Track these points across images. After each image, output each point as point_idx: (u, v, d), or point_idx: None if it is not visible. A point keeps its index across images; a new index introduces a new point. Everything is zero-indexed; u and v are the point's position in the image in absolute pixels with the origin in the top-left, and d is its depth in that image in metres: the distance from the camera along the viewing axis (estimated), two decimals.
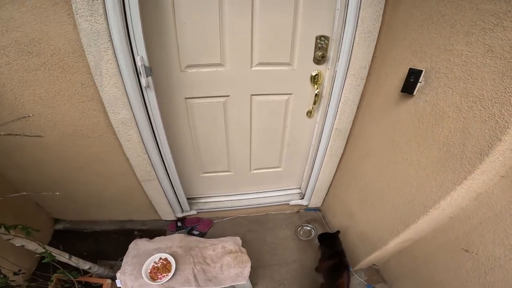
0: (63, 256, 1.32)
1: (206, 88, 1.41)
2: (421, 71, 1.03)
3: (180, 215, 1.89)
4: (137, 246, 1.45)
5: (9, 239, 1.10)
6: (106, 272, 1.55)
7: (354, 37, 1.23)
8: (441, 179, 0.99)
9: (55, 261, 1.19)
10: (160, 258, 1.37)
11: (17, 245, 1.13)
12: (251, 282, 1.58)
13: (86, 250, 1.75)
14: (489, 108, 0.80)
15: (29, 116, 1.19)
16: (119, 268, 1.39)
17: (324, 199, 2.10)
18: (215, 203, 1.98)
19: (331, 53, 1.36)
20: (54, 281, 1.36)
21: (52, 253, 1.17)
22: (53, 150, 1.40)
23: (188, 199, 1.90)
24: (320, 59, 1.39)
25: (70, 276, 1.23)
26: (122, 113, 1.25)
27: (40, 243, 1.19)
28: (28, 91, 1.15)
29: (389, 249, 1.45)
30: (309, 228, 2.05)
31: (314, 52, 1.37)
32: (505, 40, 0.74)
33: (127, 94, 1.19)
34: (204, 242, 1.52)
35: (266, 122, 1.62)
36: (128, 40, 1.06)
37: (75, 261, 1.39)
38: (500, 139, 0.77)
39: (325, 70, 1.43)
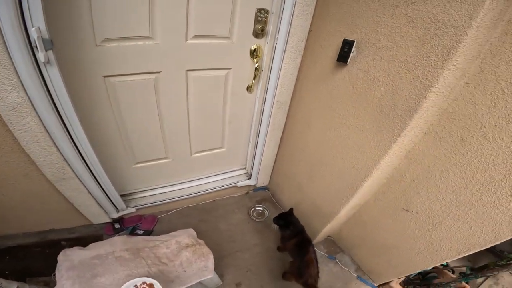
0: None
1: (131, 64, 1.19)
2: (353, 41, 1.11)
3: (115, 215, 1.61)
4: (69, 257, 1.17)
5: None
6: None
7: (293, 10, 1.22)
8: (378, 139, 1.09)
9: None
10: (144, 283, 1.12)
11: None
12: (217, 274, 1.49)
13: (8, 269, 1.38)
14: (414, 71, 0.91)
15: None
16: (55, 284, 1.10)
17: (271, 176, 2.13)
18: (156, 196, 1.77)
19: (270, 27, 1.32)
20: None
21: None
22: None
23: (122, 196, 1.64)
24: (259, 33, 1.33)
25: None
26: (11, 96, 0.94)
27: None
28: None
29: (341, 218, 1.57)
30: (261, 209, 2.05)
31: (254, 25, 1.31)
32: (424, 12, 0.85)
33: (16, 72, 0.91)
34: (153, 240, 1.35)
35: (205, 100, 1.49)
36: (19, 7, 0.82)
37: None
38: (425, 97, 0.88)
39: (264, 44, 1.39)
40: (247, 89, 1.54)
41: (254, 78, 1.46)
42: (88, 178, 1.33)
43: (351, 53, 1.12)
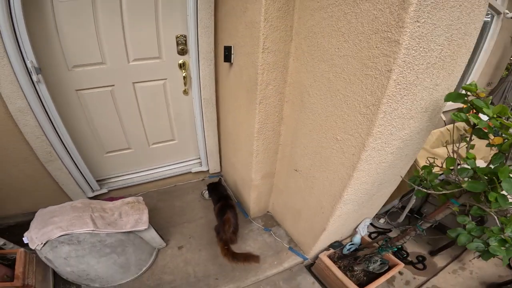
0: None
1: (93, 81, 1.82)
2: (231, 46, 1.67)
3: (91, 194, 2.13)
4: (43, 210, 1.54)
5: None
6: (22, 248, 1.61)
7: (197, 32, 1.85)
8: (251, 110, 1.57)
9: None
10: None
11: None
12: (162, 239, 1.87)
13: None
14: (257, 64, 1.39)
15: None
16: None
17: (221, 164, 2.62)
18: (124, 180, 2.30)
19: (189, 46, 1.94)
20: None
21: None
22: None
23: (98, 181, 2.18)
24: (181, 52, 1.97)
25: None
26: (18, 103, 1.57)
27: None
28: None
29: (260, 187, 1.95)
30: None
31: (177, 46, 1.94)
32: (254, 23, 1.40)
33: (21, 88, 1.53)
34: (106, 202, 1.66)
35: (151, 103, 2.09)
36: (18, 48, 1.44)
37: None
38: (257, 72, 1.39)
39: (188, 58, 2.01)
40: (183, 93, 2.14)
41: (185, 84, 2.07)
42: (68, 161, 1.91)
43: (232, 54, 1.69)
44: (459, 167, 0.97)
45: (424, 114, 1.14)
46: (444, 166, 1.03)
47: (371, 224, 2.31)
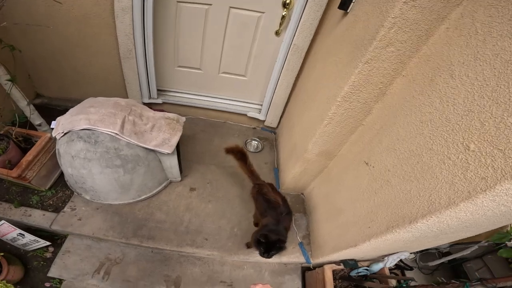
0: (23, 100, 1.54)
1: None
2: None
3: (146, 100, 2.20)
4: (91, 99, 1.51)
5: None
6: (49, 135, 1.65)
7: None
8: (348, 68, 1.24)
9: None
10: None
11: None
12: (180, 172, 1.79)
13: None
14: (387, 16, 1.03)
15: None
16: None
17: (280, 121, 2.42)
18: (181, 97, 2.31)
19: None
20: None
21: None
22: (59, 26, 1.72)
23: (158, 90, 2.23)
24: None
25: None
26: (124, 2, 1.59)
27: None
28: None
29: (310, 162, 1.70)
30: (257, 142, 2.38)
31: None
32: None
33: None
34: (149, 110, 1.60)
35: (239, 33, 1.92)
36: None
37: (31, 111, 1.59)
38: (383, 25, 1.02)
39: None
40: (275, 33, 1.90)
41: (281, 25, 1.82)
42: (142, 63, 1.94)
43: (352, 2, 1.34)
44: None
45: None
46: None
47: None
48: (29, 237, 1.50)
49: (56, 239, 1.70)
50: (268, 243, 1.33)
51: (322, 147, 1.59)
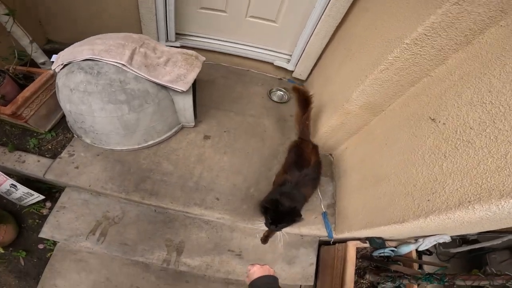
0: (25, 38, 1.37)
1: None
2: None
3: (163, 43, 1.93)
4: (102, 34, 1.32)
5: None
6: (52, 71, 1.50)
7: None
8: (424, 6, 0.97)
9: None
10: None
11: None
12: (195, 117, 1.54)
13: None
14: None
15: None
16: None
17: (311, 73, 2.12)
18: (201, 42, 2.03)
19: None
20: None
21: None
22: None
23: (177, 34, 1.95)
24: None
25: None
26: None
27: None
28: None
29: (349, 116, 1.45)
30: (282, 93, 2.11)
31: None
32: None
33: None
34: (164, 45, 1.40)
35: None
36: None
37: (34, 49, 1.45)
38: None
39: None
40: None
41: None
42: (161, 3, 1.70)
43: None
44: None
45: None
46: None
47: None
48: (22, 189, 1.34)
49: (54, 193, 1.54)
50: (278, 212, 1.05)
51: (370, 97, 1.31)
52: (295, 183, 1.13)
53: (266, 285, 0.77)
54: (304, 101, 1.41)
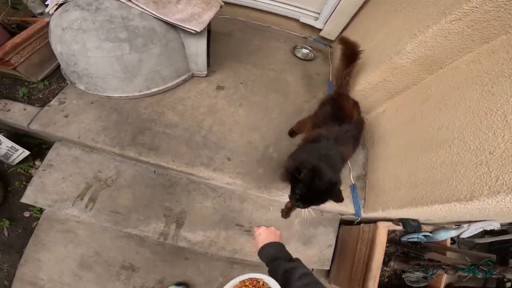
0: None
1: None
2: None
3: None
4: None
5: None
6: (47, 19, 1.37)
7: None
8: None
9: None
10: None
11: None
12: (208, 66, 1.32)
13: None
14: None
15: None
16: None
17: (341, 32, 1.84)
18: None
19: None
20: None
21: None
22: None
23: None
24: None
25: None
26: None
27: None
28: None
29: (397, 72, 1.21)
30: (308, 51, 1.88)
31: None
32: None
33: None
34: None
35: None
36: None
37: None
38: None
39: None
40: None
41: None
42: None
43: None
44: None
45: None
46: None
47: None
48: (6, 142, 1.16)
49: (44, 150, 1.33)
50: (313, 186, 0.72)
51: (429, 51, 1.07)
52: (333, 139, 0.86)
53: (272, 257, 0.70)
54: (350, 55, 1.19)
